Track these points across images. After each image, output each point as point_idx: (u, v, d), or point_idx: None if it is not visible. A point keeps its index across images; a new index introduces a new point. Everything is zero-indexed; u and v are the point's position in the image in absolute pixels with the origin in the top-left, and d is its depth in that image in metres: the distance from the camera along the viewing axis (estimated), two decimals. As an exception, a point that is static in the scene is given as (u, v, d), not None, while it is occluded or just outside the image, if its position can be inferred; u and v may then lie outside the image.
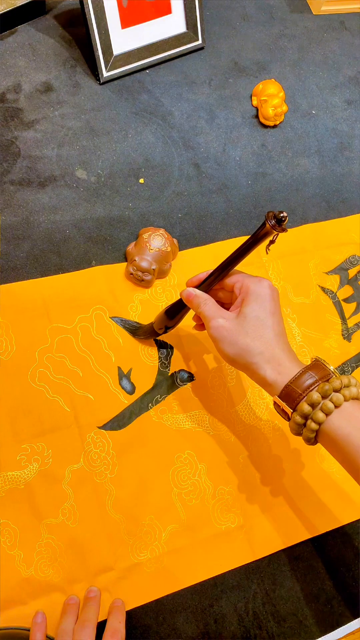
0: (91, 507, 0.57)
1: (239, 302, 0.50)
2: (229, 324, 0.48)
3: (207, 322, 0.50)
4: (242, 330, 0.48)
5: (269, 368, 0.47)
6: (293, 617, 0.58)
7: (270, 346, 0.47)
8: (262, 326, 0.48)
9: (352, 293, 0.74)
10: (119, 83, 0.78)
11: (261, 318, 0.48)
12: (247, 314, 0.48)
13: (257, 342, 0.47)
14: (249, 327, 0.48)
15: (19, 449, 0.57)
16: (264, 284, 0.50)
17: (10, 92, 0.73)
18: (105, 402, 0.60)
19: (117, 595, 0.54)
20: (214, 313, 0.50)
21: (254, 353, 0.47)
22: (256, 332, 0.47)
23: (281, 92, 0.79)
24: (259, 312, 0.48)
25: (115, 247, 0.68)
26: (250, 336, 0.47)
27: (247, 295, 0.49)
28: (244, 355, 0.47)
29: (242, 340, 0.47)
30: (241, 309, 0.49)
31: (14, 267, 0.64)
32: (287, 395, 0.46)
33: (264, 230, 0.47)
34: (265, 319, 0.48)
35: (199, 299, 0.52)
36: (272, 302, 0.49)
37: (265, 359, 0.47)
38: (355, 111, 0.86)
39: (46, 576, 0.54)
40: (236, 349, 0.48)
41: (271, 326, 0.48)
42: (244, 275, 0.51)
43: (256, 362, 0.47)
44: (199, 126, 0.78)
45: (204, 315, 0.51)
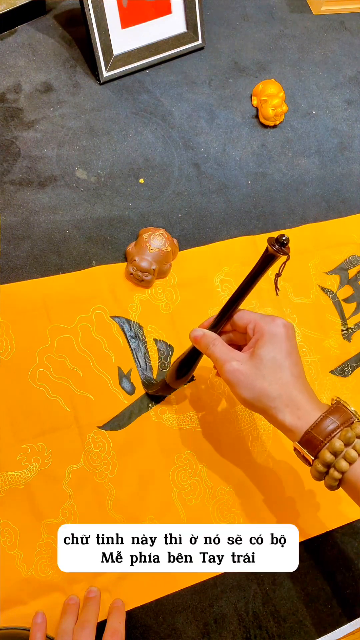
0: (91, 507, 0.57)
1: (253, 343, 0.48)
2: (244, 367, 0.46)
3: (220, 366, 0.48)
4: (259, 374, 0.46)
5: (288, 412, 0.45)
6: (293, 617, 0.58)
7: (289, 389, 0.45)
8: (279, 368, 0.46)
9: (352, 293, 0.74)
10: (119, 83, 0.78)
11: (278, 360, 0.46)
12: (262, 355, 0.46)
13: (274, 386, 0.45)
14: (265, 370, 0.46)
15: (19, 449, 0.57)
16: (278, 323, 0.47)
17: (10, 92, 0.73)
18: (105, 402, 0.60)
19: (117, 595, 0.54)
20: (225, 355, 0.48)
21: (272, 397, 0.45)
22: (273, 374, 0.45)
23: (281, 92, 0.79)
24: (275, 354, 0.46)
25: (115, 247, 0.68)
26: (268, 379, 0.45)
27: (262, 335, 0.47)
28: (262, 400, 0.45)
29: (259, 384, 0.45)
30: (256, 350, 0.47)
31: (14, 267, 0.64)
32: (308, 442, 0.44)
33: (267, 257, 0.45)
34: (282, 360, 0.46)
35: (207, 338, 0.49)
36: (287, 341, 0.47)
37: (284, 402, 0.45)
38: (355, 111, 0.86)
39: (46, 576, 0.54)
40: (253, 393, 0.46)
41: (288, 367, 0.46)
42: (257, 315, 0.49)
43: (274, 406, 0.45)
44: (199, 126, 0.78)
45: (215, 357, 0.48)
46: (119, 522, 0.57)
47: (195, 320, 0.66)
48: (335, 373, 0.69)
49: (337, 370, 0.69)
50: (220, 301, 0.68)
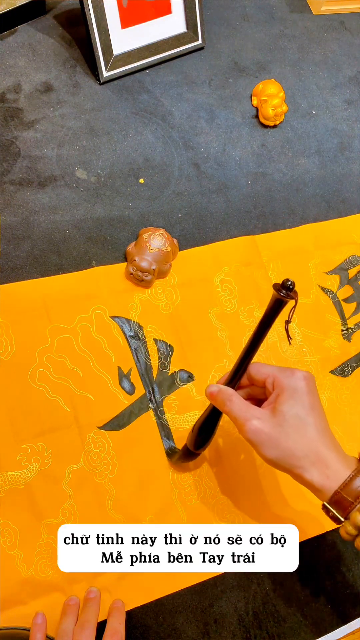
0: (91, 507, 0.57)
1: (274, 399, 0.46)
2: (267, 426, 0.44)
3: (240, 424, 0.45)
4: (283, 432, 0.43)
5: (315, 472, 0.43)
6: (293, 617, 0.58)
7: (315, 446, 0.43)
8: (303, 425, 0.44)
9: (352, 293, 0.74)
10: (119, 83, 0.78)
11: (301, 416, 0.44)
12: (285, 412, 0.44)
13: (300, 444, 0.43)
14: (289, 428, 0.44)
15: (19, 449, 0.57)
16: (299, 376, 0.45)
17: (10, 92, 0.73)
18: (105, 402, 0.60)
19: (117, 596, 0.54)
20: (245, 412, 0.45)
21: (299, 456, 0.43)
22: (298, 432, 0.43)
23: (281, 92, 0.79)
24: (298, 409, 0.44)
25: (115, 247, 0.68)
26: (292, 438, 0.43)
27: (282, 391, 0.45)
28: (288, 460, 0.43)
29: (284, 443, 0.43)
30: (277, 406, 0.45)
31: (14, 267, 0.64)
32: (338, 502, 0.42)
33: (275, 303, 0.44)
34: (305, 416, 0.44)
35: (223, 394, 0.47)
36: (310, 395, 0.45)
37: (311, 461, 0.43)
38: (355, 111, 0.86)
39: (46, 576, 0.54)
40: (279, 453, 0.44)
41: (313, 423, 0.44)
42: (275, 369, 0.47)
43: (301, 465, 0.43)
44: (199, 126, 0.78)
45: (234, 415, 0.46)
46: (119, 522, 0.57)
47: (195, 320, 0.66)
48: (335, 373, 0.69)
49: (337, 370, 0.69)
50: (220, 301, 0.68)
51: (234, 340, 0.67)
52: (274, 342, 0.68)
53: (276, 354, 0.68)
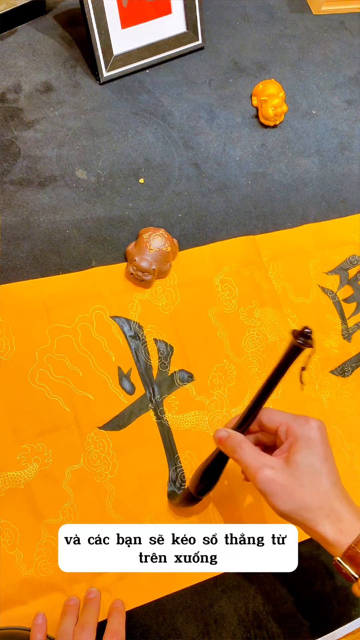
0: (91, 507, 0.57)
1: (286, 448, 0.44)
2: (280, 477, 0.43)
3: (252, 474, 0.44)
4: (297, 483, 0.42)
5: (328, 525, 0.42)
6: (293, 617, 0.58)
7: (329, 499, 0.42)
8: (317, 476, 0.43)
9: (352, 293, 0.74)
10: (119, 83, 0.78)
11: (315, 467, 0.43)
12: (299, 462, 0.43)
13: (314, 496, 0.42)
14: (303, 479, 0.42)
15: (19, 449, 0.57)
16: (313, 426, 0.44)
17: (10, 92, 0.73)
18: (105, 402, 0.60)
19: (117, 596, 0.54)
20: (256, 461, 0.44)
21: (313, 509, 0.42)
22: (312, 484, 0.42)
23: (281, 92, 0.79)
24: (312, 460, 0.43)
25: (115, 247, 0.68)
26: (307, 490, 0.42)
27: (296, 440, 0.44)
28: (301, 512, 0.42)
29: (298, 495, 0.42)
30: (290, 455, 0.43)
31: (14, 267, 0.64)
32: (351, 558, 0.41)
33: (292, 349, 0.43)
34: (320, 467, 0.43)
35: (233, 440, 0.45)
36: (324, 446, 0.44)
37: (325, 514, 0.42)
38: (355, 111, 0.86)
39: (46, 576, 0.54)
40: (292, 505, 0.42)
41: (326, 475, 0.43)
42: (288, 417, 0.46)
43: (315, 518, 0.42)
44: (199, 126, 0.78)
45: (244, 463, 0.44)
46: (119, 522, 0.57)
47: (195, 320, 0.66)
48: (335, 373, 0.69)
49: (337, 370, 0.69)
50: (220, 301, 0.68)
51: (234, 340, 0.67)
52: (274, 342, 0.68)
53: (275, 353, 0.67)
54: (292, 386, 0.67)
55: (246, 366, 0.66)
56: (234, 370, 0.65)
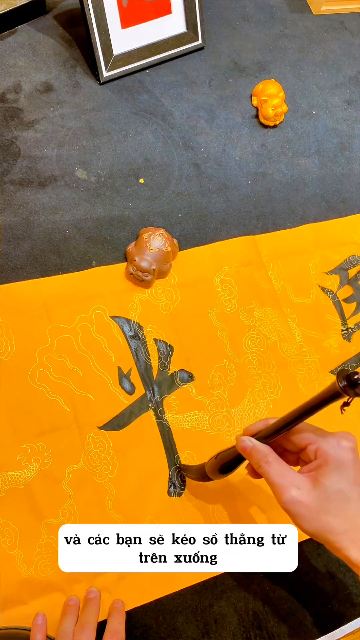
0: (91, 507, 0.57)
1: (314, 467, 0.44)
2: (306, 499, 0.42)
3: (278, 492, 0.43)
4: (324, 507, 0.42)
5: (354, 548, 0.41)
6: (293, 617, 0.58)
7: (356, 523, 0.42)
8: (345, 501, 0.42)
9: (352, 293, 0.74)
10: (119, 83, 0.78)
11: (344, 491, 0.42)
12: (327, 486, 0.42)
13: (340, 521, 0.42)
14: (330, 504, 0.42)
15: (19, 449, 0.57)
16: (345, 447, 0.43)
17: (10, 92, 0.73)
18: (105, 402, 0.60)
19: (117, 596, 0.54)
20: (283, 479, 0.43)
21: (338, 532, 0.42)
22: (339, 508, 0.42)
23: (281, 92, 0.79)
24: (341, 485, 0.42)
25: (115, 247, 0.68)
26: (333, 513, 0.42)
27: (327, 462, 0.43)
28: (325, 534, 0.42)
29: (323, 518, 0.42)
30: (319, 477, 0.43)
31: (14, 267, 0.64)
32: None
33: (332, 394, 0.40)
34: (349, 492, 0.42)
35: (259, 453, 0.45)
36: (355, 468, 0.43)
37: (350, 538, 0.42)
38: (355, 111, 0.86)
39: (46, 576, 0.54)
40: (317, 527, 0.42)
41: (356, 499, 0.42)
42: (319, 435, 0.45)
43: (339, 540, 0.42)
44: (199, 126, 0.78)
45: (271, 480, 0.44)
46: (119, 522, 0.57)
47: (195, 320, 0.66)
48: (335, 373, 0.69)
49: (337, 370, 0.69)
50: (220, 301, 0.68)
51: (234, 340, 0.67)
52: (274, 342, 0.68)
53: (275, 353, 0.68)
54: (290, 383, 0.67)
55: (246, 366, 0.66)
56: (234, 370, 0.66)
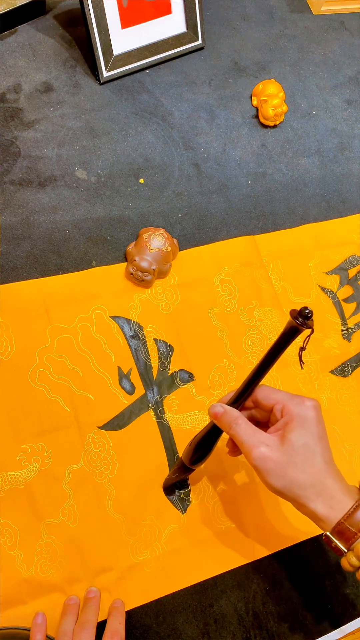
0: (91, 507, 0.57)
1: (281, 425, 0.45)
2: (274, 455, 0.44)
3: (247, 450, 0.45)
4: (290, 462, 0.43)
5: (319, 502, 0.43)
6: (293, 617, 0.58)
7: (321, 477, 0.43)
8: (311, 455, 0.44)
9: (352, 293, 0.74)
10: (119, 83, 0.78)
11: (310, 445, 0.44)
12: (293, 441, 0.44)
13: (307, 474, 0.43)
14: (297, 457, 0.43)
15: (19, 449, 0.57)
16: (309, 405, 0.45)
17: (10, 92, 0.73)
18: (105, 402, 0.60)
19: (117, 595, 0.54)
20: (252, 438, 0.45)
21: (305, 486, 0.43)
22: (305, 462, 0.43)
23: (281, 92, 0.79)
24: (307, 439, 0.44)
25: (115, 247, 0.68)
26: (300, 467, 0.43)
27: (292, 419, 0.45)
28: (293, 489, 0.43)
29: (290, 472, 0.43)
30: (285, 434, 0.44)
31: (14, 267, 0.64)
32: (341, 532, 0.42)
33: (290, 330, 0.43)
34: (314, 446, 0.44)
35: (229, 416, 0.46)
36: (319, 425, 0.45)
37: (316, 491, 0.43)
38: (355, 111, 0.86)
39: (46, 576, 0.54)
40: (284, 482, 0.43)
41: (320, 453, 0.44)
42: (285, 396, 0.47)
43: (307, 495, 0.43)
44: (199, 126, 0.78)
45: (240, 440, 0.45)
46: (119, 522, 0.57)
47: (195, 320, 0.66)
48: (335, 373, 0.69)
49: (337, 370, 0.69)
50: (220, 301, 0.68)
51: (234, 340, 0.67)
52: (274, 342, 0.68)
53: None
54: (290, 383, 0.67)
55: (246, 366, 0.66)
56: (234, 370, 0.66)
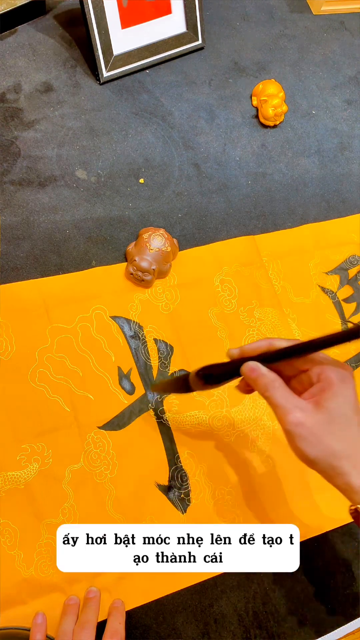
0: (91, 507, 0.57)
1: (317, 391, 0.43)
2: (310, 421, 0.42)
3: (282, 414, 0.43)
4: (327, 430, 0.41)
5: (355, 474, 0.41)
6: (293, 617, 0.58)
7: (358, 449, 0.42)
8: (348, 425, 0.42)
9: (352, 293, 0.74)
10: (119, 83, 0.78)
11: (348, 415, 0.42)
12: (331, 409, 0.42)
13: (343, 444, 0.42)
14: (334, 426, 0.42)
15: (19, 449, 0.57)
16: (349, 375, 0.43)
17: (10, 92, 0.73)
18: (105, 402, 0.60)
19: (117, 595, 0.54)
20: (288, 402, 0.43)
21: (341, 456, 0.41)
22: (343, 432, 0.42)
23: (281, 92, 0.79)
24: (345, 409, 0.42)
25: (115, 247, 0.68)
26: (337, 436, 0.42)
27: (330, 386, 0.42)
28: (328, 459, 0.42)
29: (327, 441, 0.41)
30: (323, 402, 0.42)
31: (14, 267, 0.64)
32: None
33: (353, 332, 0.41)
34: (352, 415, 0.42)
35: (266, 378, 0.43)
36: (355, 398, 0.43)
37: (352, 463, 0.41)
38: (355, 111, 0.86)
39: (46, 576, 0.54)
40: (319, 450, 0.42)
41: (358, 424, 0.42)
42: (323, 359, 0.45)
43: (342, 465, 0.41)
44: (199, 126, 0.78)
45: (276, 403, 0.43)
46: (119, 521, 0.57)
47: (195, 320, 0.66)
48: None
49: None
50: (220, 301, 0.68)
51: (234, 340, 0.67)
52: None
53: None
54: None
55: (246, 366, 0.66)
56: (234, 370, 0.65)
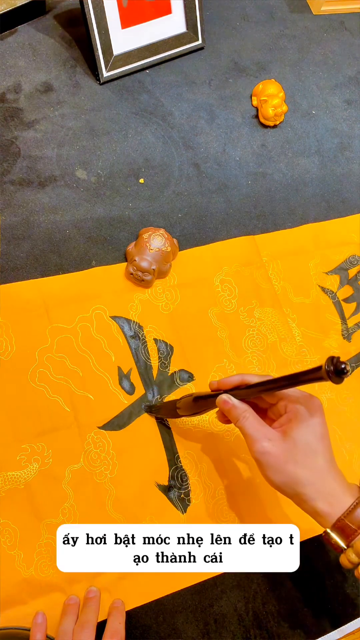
0: (91, 507, 0.57)
1: (285, 421, 0.46)
2: (276, 450, 0.44)
3: (251, 443, 0.45)
4: (291, 458, 0.44)
5: (320, 499, 0.43)
6: (293, 617, 0.58)
7: (322, 476, 0.44)
8: (312, 453, 0.44)
9: (352, 293, 0.74)
10: (119, 83, 0.78)
11: (312, 444, 0.44)
12: (296, 439, 0.44)
13: (307, 472, 0.44)
14: (298, 455, 0.44)
15: (19, 449, 0.57)
16: (313, 405, 0.46)
17: (10, 92, 0.73)
18: (105, 402, 0.60)
19: (117, 595, 0.54)
20: (257, 432, 0.45)
21: (304, 484, 0.44)
22: (306, 460, 0.44)
23: (281, 92, 0.79)
24: (309, 438, 0.44)
25: (115, 247, 0.68)
26: (300, 465, 0.44)
27: (296, 417, 0.45)
28: (293, 485, 0.44)
29: (291, 469, 0.44)
30: (289, 432, 0.45)
31: (14, 267, 0.64)
32: (341, 529, 0.43)
33: (317, 375, 0.41)
34: (316, 445, 0.44)
35: (238, 410, 0.47)
36: (322, 425, 0.45)
37: (316, 489, 0.43)
38: (355, 111, 0.86)
39: (46, 576, 0.54)
40: (284, 477, 0.44)
41: (322, 453, 0.44)
42: (292, 391, 0.47)
43: (306, 492, 0.44)
44: (199, 126, 0.78)
45: (246, 432, 0.46)
46: (119, 522, 0.57)
47: (195, 320, 0.66)
48: None
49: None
50: (220, 301, 0.68)
51: (234, 340, 0.67)
52: (274, 342, 0.68)
53: (275, 353, 0.68)
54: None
55: (246, 366, 0.66)
56: (234, 370, 0.65)
